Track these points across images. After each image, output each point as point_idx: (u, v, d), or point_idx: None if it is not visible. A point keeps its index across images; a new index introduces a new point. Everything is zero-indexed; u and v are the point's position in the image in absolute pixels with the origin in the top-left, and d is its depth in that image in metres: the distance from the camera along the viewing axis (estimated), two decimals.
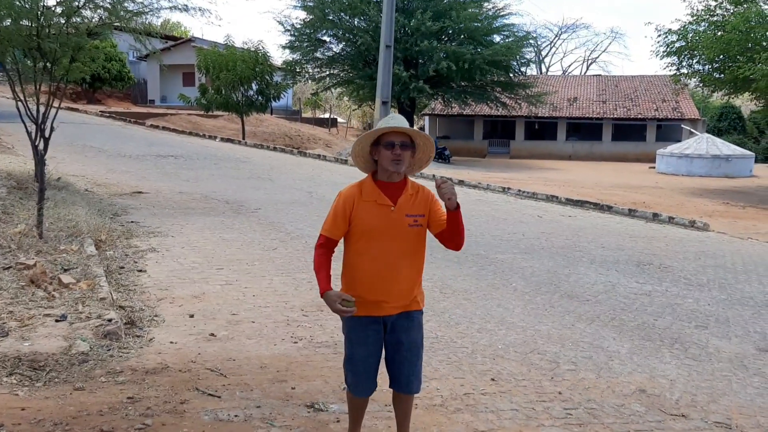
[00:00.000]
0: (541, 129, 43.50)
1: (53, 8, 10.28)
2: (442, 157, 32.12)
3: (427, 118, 45.45)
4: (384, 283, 3.22)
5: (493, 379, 4.70)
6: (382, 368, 3.37)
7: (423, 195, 3.31)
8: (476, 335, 5.68)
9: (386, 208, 3.21)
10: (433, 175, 19.77)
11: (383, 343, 3.32)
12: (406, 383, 3.34)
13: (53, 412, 3.83)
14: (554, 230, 11.53)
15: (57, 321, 5.14)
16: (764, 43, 19.92)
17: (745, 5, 20.18)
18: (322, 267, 3.23)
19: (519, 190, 17.03)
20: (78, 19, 11.19)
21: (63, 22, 10.49)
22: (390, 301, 3.24)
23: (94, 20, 11.87)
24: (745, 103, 36.11)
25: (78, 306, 5.49)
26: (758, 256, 10.14)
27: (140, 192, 12.62)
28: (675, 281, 8.11)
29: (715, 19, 21.05)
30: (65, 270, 6.48)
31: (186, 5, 12.82)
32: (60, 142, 17.35)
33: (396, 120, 3.24)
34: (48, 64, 9.35)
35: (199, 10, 14.91)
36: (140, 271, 7.11)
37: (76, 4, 10.56)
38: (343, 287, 3.32)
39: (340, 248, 3.34)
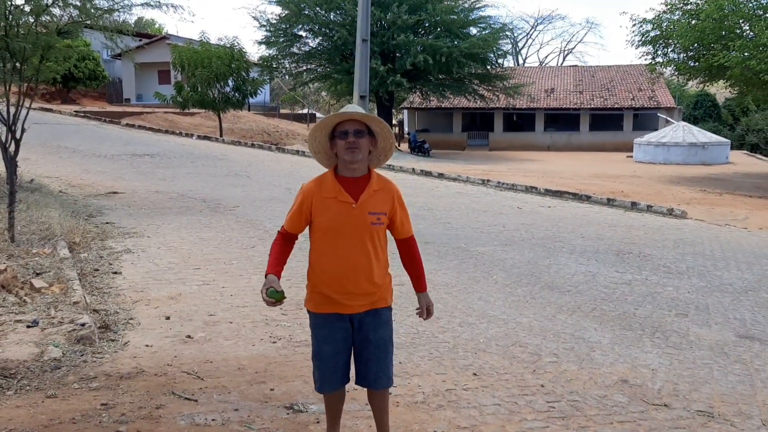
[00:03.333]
0: (520, 120, 43.62)
1: (22, 6, 10.05)
2: (422, 150, 32.09)
3: (405, 111, 45.41)
4: (348, 281, 3.13)
5: (475, 374, 4.65)
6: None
7: (388, 191, 3.20)
8: (457, 329, 5.64)
9: (347, 205, 3.10)
10: (413, 169, 19.74)
11: (352, 339, 3.25)
12: (373, 379, 3.26)
13: (24, 421, 3.73)
14: (534, 221, 11.53)
15: (28, 327, 5.01)
16: (738, 31, 20.08)
17: None
18: (273, 251, 3.24)
19: (498, 182, 17.05)
20: (47, 18, 10.96)
21: (32, 20, 10.26)
22: (355, 299, 3.16)
23: (63, 18, 11.63)
24: (720, 91, 36.47)
25: (50, 311, 5.36)
26: (736, 242, 10.21)
27: (115, 192, 12.44)
28: (654, 269, 8.13)
29: (689, 7, 21.17)
30: (37, 274, 6.33)
31: (158, 1, 12.62)
32: (34, 143, 17.07)
33: (349, 108, 3.15)
34: (17, 64, 9.16)
35: (172, 6, 14.71)
36: (115, 273, 6.98)
37: (45, 2, 10.34)
38: (308, 284, 3.26)
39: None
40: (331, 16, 31.75)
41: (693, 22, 20.48)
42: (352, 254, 3.11)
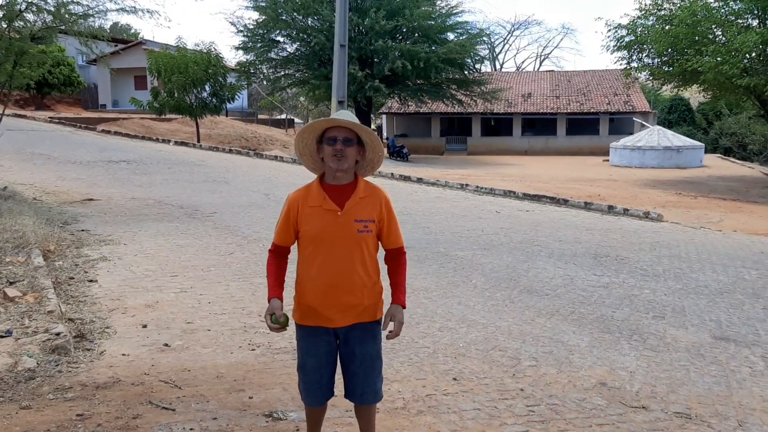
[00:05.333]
0: (497, 125, 43.89)
1: None
2: (400, 155, 32.17)
3: (384, 116, 45.49)
4: (333, 293, 3.04)
5: (455, 379, 4.65)
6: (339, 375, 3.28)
7: (376, 198, 3.12)
8: (437, 334, 5.64)
9: (333, 213, 3.02)
10: (392, 173, 19.75)
11: (337, 353, 3.17)
12: (360, 395, 3.18)
13: None
14: (512, 225, 11.59)
15: (1, 337, 4.93)
16: (711, 36, 20.39)
17: None
18: (270, 272, 3.17)
19: (477, 187, 17.11)
20: (21, 23, 10.82)
21: (5, 26, 10.13)
22: (341, 312, 3.07)
23: (37, 24, 11.50)
24: (694, 95, 37.01)
25: (24, 320, 5.27)
26: (711, 244, 10.33)
27: (91, 199, 12.30)
28: (632, 272, 8.20)
29: (662, 13, 21.47)
30: (11, 283, 6.23)
31: (134, 7, 12.56)
32: (7, 149, 16.87)
33: (342, 115, 3.06)
34: None
35: (148, 11, 14.69)
36: (91, 281, 6.89)
37: (18, 7, 10.22)
38: (295, 295, 3.19)
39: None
40: (309, 22, 31.72)
41: (667, 27, 20.77)
42: (339, 265, 3.02)
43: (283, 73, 34.69)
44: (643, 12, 22.02)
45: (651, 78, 25.63)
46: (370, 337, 3.15)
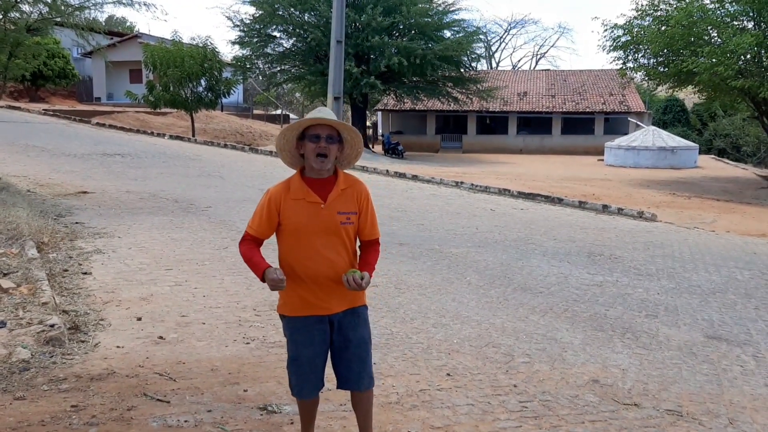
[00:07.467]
0: (493, 123, 43.92)
1: None
2: (395, 152, 32.17)
3: (379, 113, 45.45)
4: (325, 282, 3.10)
5: (448, 374, 4.67)
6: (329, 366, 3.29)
7: (356, 190, 3.18)
8: (432, 330, 5.65)
9: (316, 205, 3.08)
10: (387, 170, 19.76)
11: (329, 342, 3.21)
12: (356, 380, 3.22)
13: None
14: (507, 223, 11.61)
15: None
16: (706, 38, 20.44)
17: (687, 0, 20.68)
18: (253, 253, 3.12)
19: (472, 184, 17.14)
20: (16, 14, 10.80)
21: (0, 17, 10.10)
22: (333, 300, 3.13)
23: (33, 15, 11.47)
24: (689, 96, 37.10)
25: (18, 312, 5.26)
26: (704, 245, 10.38)
27: (85, 192, 12.26)
28: (625, 271, 8.23)
29: (659, 13, 21.49)
30: (5, 274, 6.22)
31: None
32: (1, 141, 16.82)
33: (323, 113, 3.11)
34: None
35: (144, 4, 14.62)
36: (85, 273, 6.88)
37: None
38: (282, 290, 3.20)
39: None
40: (306, 17, 31.65)
41: (663, 28, 20.79)
42: (326, 255, 3.09)
43: (279, 68, 34.63)
44: (639, 12, 22.05)
45: (646, 78, 25.66)
46: (362, 321, 3.25)
